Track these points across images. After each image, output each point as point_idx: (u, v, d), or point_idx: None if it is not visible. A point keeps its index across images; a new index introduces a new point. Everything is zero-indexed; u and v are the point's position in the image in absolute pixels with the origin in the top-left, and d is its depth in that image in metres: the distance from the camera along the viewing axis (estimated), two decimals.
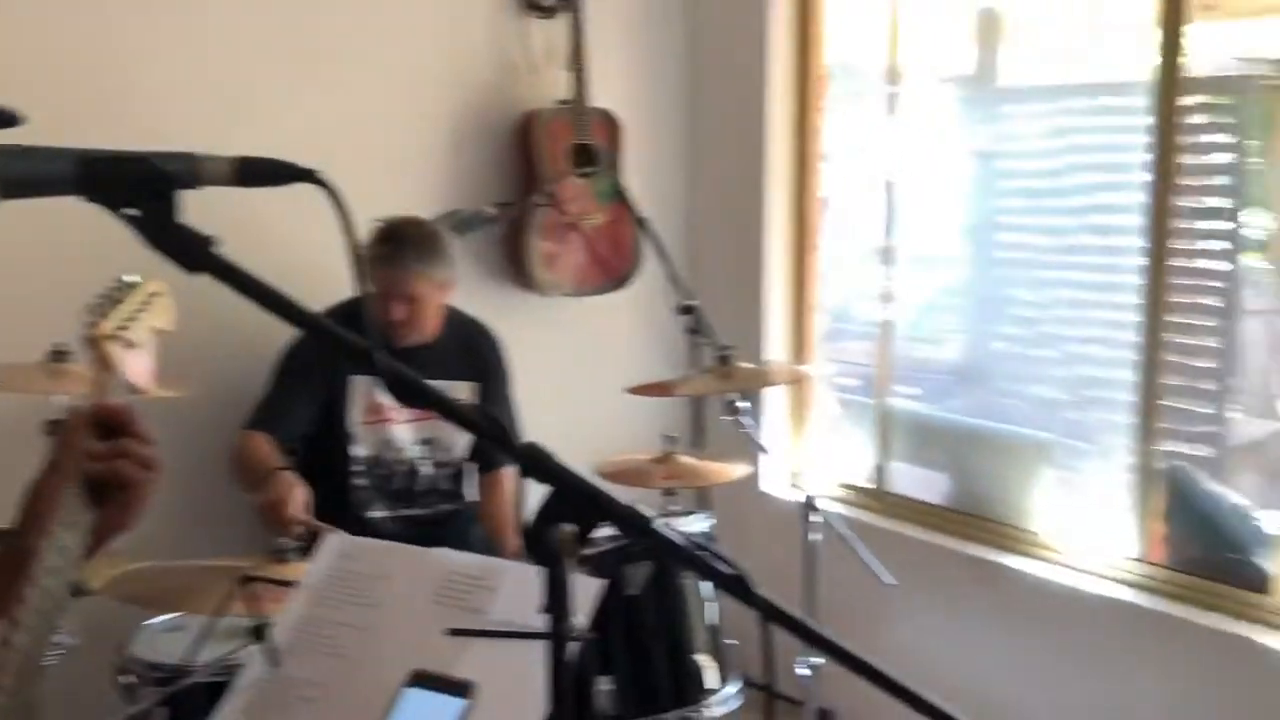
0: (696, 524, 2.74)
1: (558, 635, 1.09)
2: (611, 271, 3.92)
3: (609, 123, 3.89)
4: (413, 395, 1.11)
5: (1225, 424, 5.68)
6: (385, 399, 3.18)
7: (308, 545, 2.24)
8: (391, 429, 3.30)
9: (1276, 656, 2.77)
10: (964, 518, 3.68)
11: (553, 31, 3.86)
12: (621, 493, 1.76)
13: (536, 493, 1.08)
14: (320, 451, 3.23)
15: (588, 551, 2.35)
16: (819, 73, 4.02)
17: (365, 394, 3.23)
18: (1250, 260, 7.07)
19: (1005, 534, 3.52)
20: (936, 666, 3.52)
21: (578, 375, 3.99)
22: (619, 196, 3.84)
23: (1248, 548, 3.19)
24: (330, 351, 2.08)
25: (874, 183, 4.21)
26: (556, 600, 1.07)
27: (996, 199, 5.52)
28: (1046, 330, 5.18)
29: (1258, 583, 2.96)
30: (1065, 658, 3.22)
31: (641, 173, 3.96)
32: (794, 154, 4.02)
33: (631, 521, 1.07)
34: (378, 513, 3.30)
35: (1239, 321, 5.99)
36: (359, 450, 3.28)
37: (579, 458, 1.27)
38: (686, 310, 3.40)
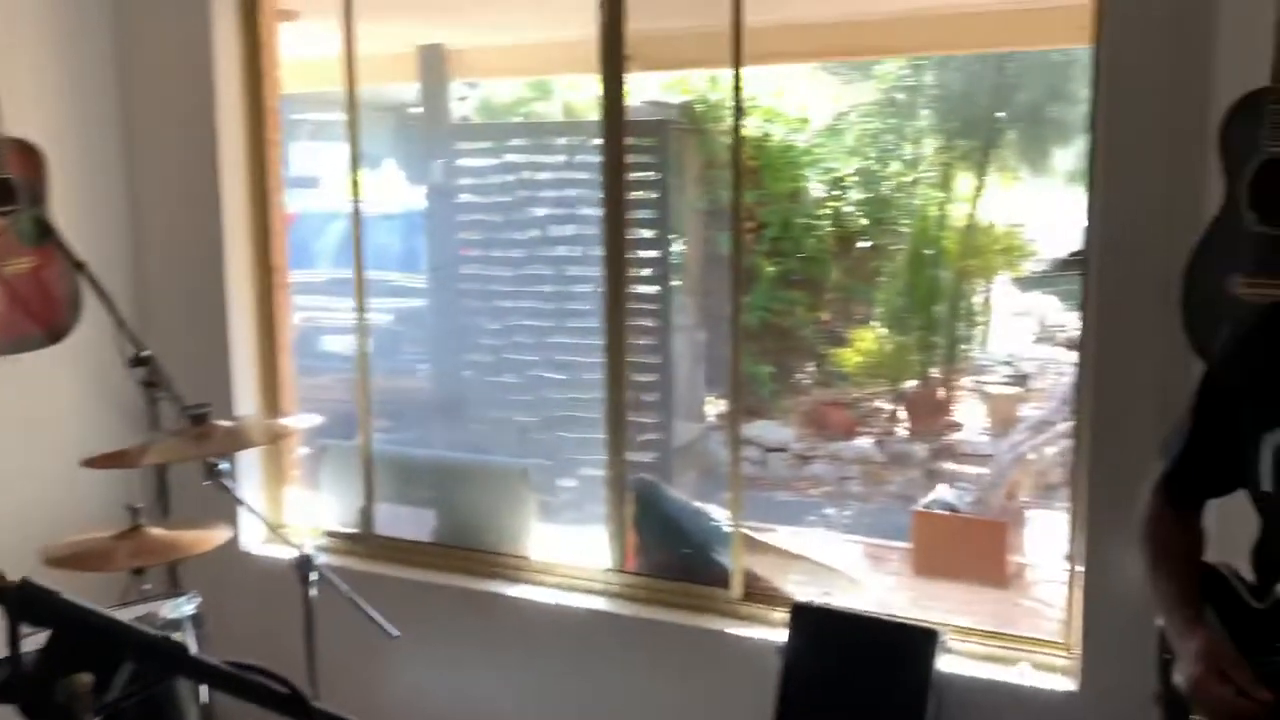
0: (181, 607, 2.43)
1: None
2: (42, 322, 3.40)
3: (27, 153, 3.37)
4: None
5: (668, 430, 6.37)
6: None
7: None
8: None
9: (739, 642, 3.10)
10: (455, 552, 3.69)
11: None
12: (80, 581, 1.52)
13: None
14: None
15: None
16: (272, 103, 3.82)
17: None
18: (674, 282, 7.95)
19: (497, 563, 3.58)
20: (442, 705, 3.50)
21: (13, 447, 3.42)
22: (46, 236, 3.34)
23: (710, 547, 3.56)
24: None
25: (336, 216, 4.08)
26: None
27: (457, 232, 5.70)
28: (511, 358, 5.43)
29: (720, 578, 3.29)
30: (559, 674, 3.36)
31: (73, 209, 3.48)
32: (250, 187, 3.77)
33: (161, 651, 0.89)
34: None
35: (671, 338, 6.75)
36: None
37: (24, 546, 1.04)
38: (139, 362, 3.03)
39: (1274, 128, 1.95)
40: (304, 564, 2.68)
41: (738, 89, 3.22)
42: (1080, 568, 2.73)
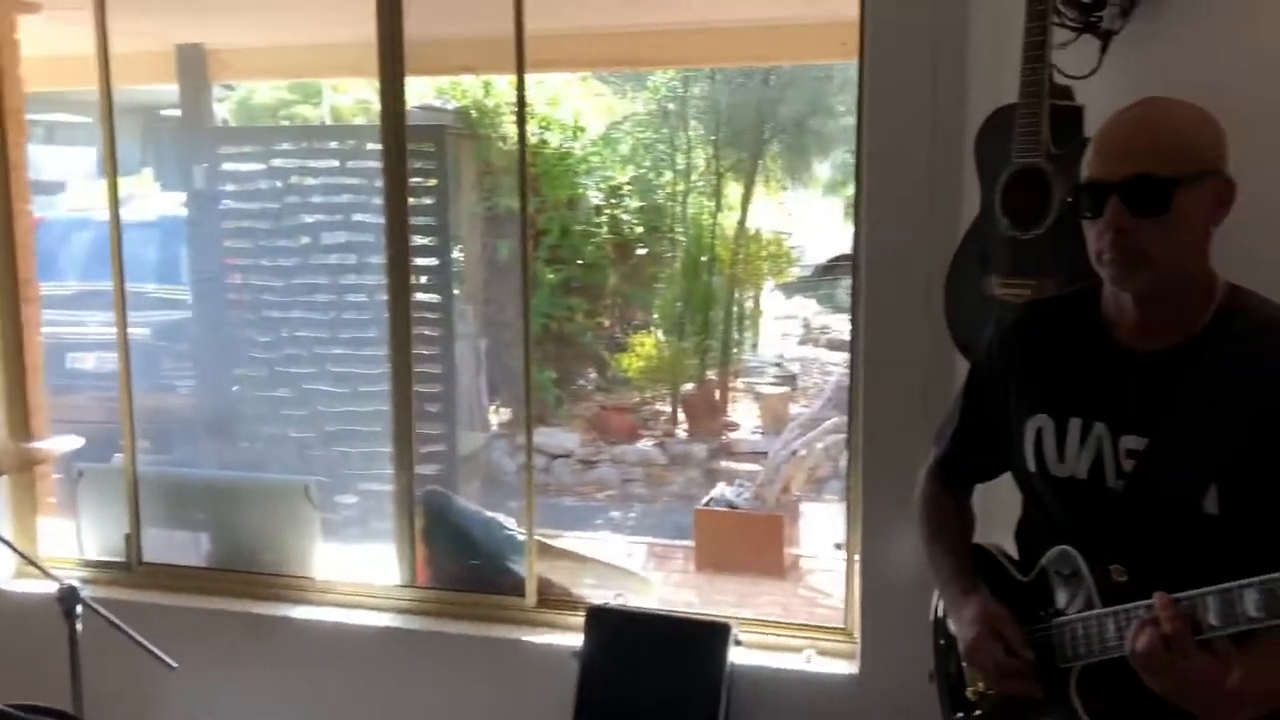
0: None
1: None
2: None
3: None
4: None
5: (453, 441, 6.28)
6: None
7: None
8: None
9: (536, 649, 3.09)
10: (233, 576, 3.51)
11: None
12: None
13: None
14: None
15: None
16: (14, 103, 3.53)
17: None
18: (455, 290, 7.85)
19: (280, 585, 3.43)
20: None
21: None
22: None
23: (503, 556, 3.53)
24: None
25: (84, 224, 3.80)
26: None
27: (222, 240, 5.41)
28: (285, 371, 5.21)
29: (515, 587, 3.27)
30: (352, 695, 3.25)
31: None
32: None
33: None
34: None
35: (454, 346, 6.66)
36: None
37: None
38: None
39: (1022, 140, 2.12)
40: (67, 597, 2.49)
41: (521, 95, 3.22)
42: (857, 557, 2.87)
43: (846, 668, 2.87)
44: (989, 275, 2.23)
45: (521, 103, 3.24)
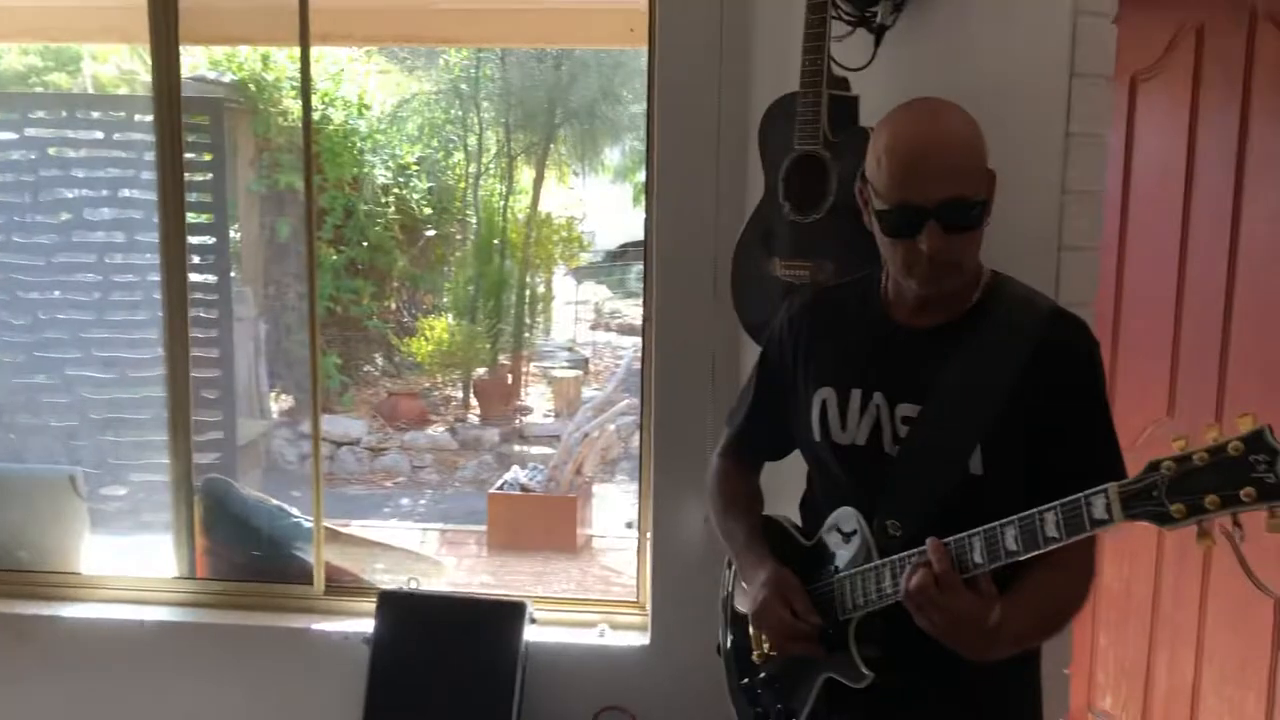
0: None
1: None
2: None
3: None
4: None
5: (232, 429, 6.01)
6: None
7: None
8: None
9: (325, 637, 3.02)
10: None
11: None
12: None
13: None
14: None
15: None
16: None
17: None
18: (233, 271, 7.52)
19: (43, 582, 3.21)
20: None
21: None
22: None
23: (289, 544, 3.42)
24: None
25: None
26: None
27: None
28: (45, 356, 4.85)
29: (302, 575, 3.18)
30: (128, 694, 3.08)
31: None
32: None
33: None
34: None
35: (231, 330, 6.37)
36: None
37: None
38: None
39: (802, 128, 2.22)
40: None
41: (305, 68, 3.11)
42: (649, 534, 2.95)
43: (639, 639, 2.95)
44: (772, 257, 2.32)
45: (306, 76, 3.13)
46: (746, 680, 1.82)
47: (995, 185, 1.57)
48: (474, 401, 9.28)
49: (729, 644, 1.89)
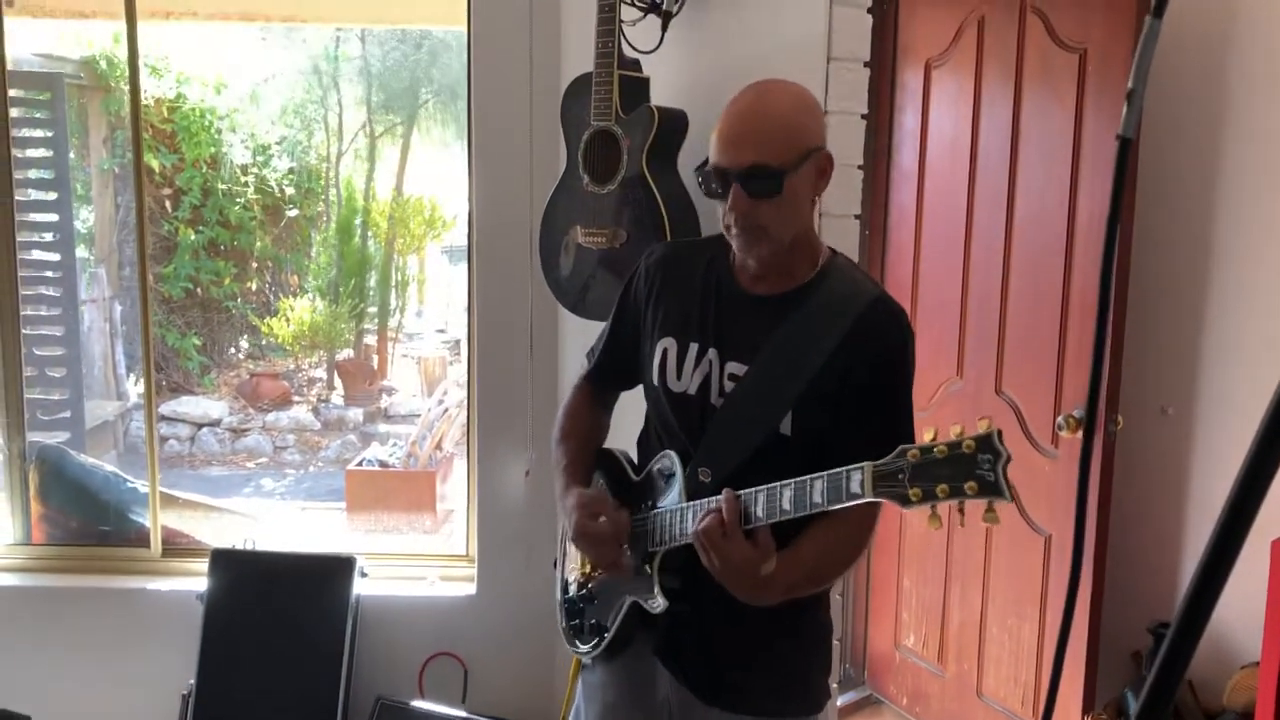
0: None
1: None
2: None
3: None
4: None
5: (79, 408, 5.94)
6: None
7: None
8: None
9: (160, 596, 3.10)
10: None
11: None
12: None
13: None
14: None
15: None
16: None
17: None
18: (81, 252, 7.38)
19: None
20: None
21: None
22: None
23: (127, 509, 3.47)
24: None
25: None
26: None
27: None
28: None
29: (139, 538, 3.24)
30: None
31: None
32: None
33: None
34: None
35: (78, 310, 6.28)
36: None
37: None
38: None
39: (597, 105, 2.40)
40: None
41: (132, 42, 3.16)
42: (474, 493, 3.10)
43: (467, 589, 3.11)
44: (575, 225, 2.50)
45: (133, 50, 3.18)
46: (568, 595, 1.96)
47: (824, 166, 1.69)
48: (338, 382, 9.26)
49: (563, 563, 2.02)
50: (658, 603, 1.72)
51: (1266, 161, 2.86)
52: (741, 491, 1.58)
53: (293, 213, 9.34)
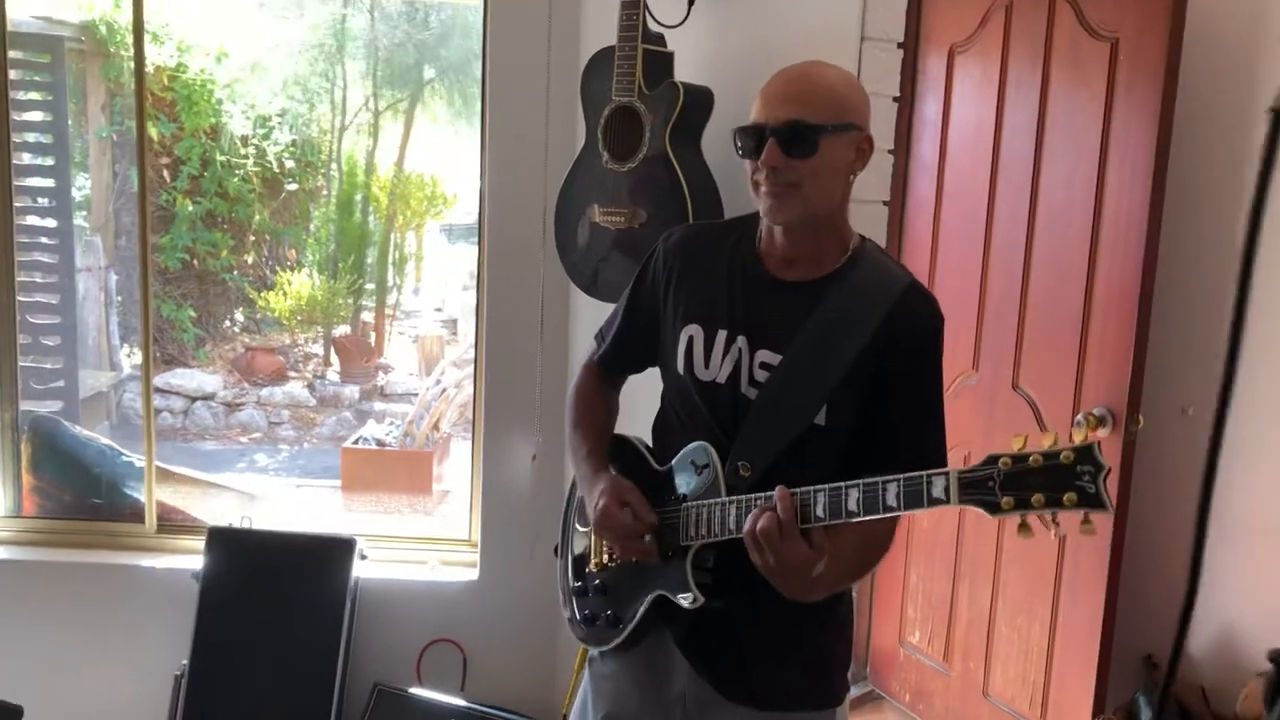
0: None
1: None
2: None
3: None
4: None
5: (74, 377, 5.86)
6: None
7: None
8: None
9: (154, 573, 3.04)
10: None
11: None
12: None
13: None
14: None
15: None
16: None
17: None
18: (78, 220, 7.28)
19: None
20: None
21: None
22: None
23: (121, 483, 3.40)
24: None
25: None
26: None
27: None
28: None
29: (134, 513, 3.17)
30: None
31: None
32: None
33: None
34: None
35: (74, 279, 6.19)
36: None
37: None
38: None
39: (620, 80, 2.32)
40: None
41: (138, 7, 3.07)
42: (479, 476, 3.03)
43: (468, 574, 3.04)
44: (592, 204, 2.43)
45: (139, 16, 3.09)
46: (580, 584, 1.90)
47: (863, 147, 1.66)
48: (334, 359, 9.18)
49: (568, 552, 1.96)
50: (692, 598, 1.67)
51: None
52: (796, 490, 1.53)
53: (292, 186, 9.24)
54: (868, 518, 1.48)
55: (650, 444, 1.90)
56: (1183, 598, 0.57)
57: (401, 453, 6.41)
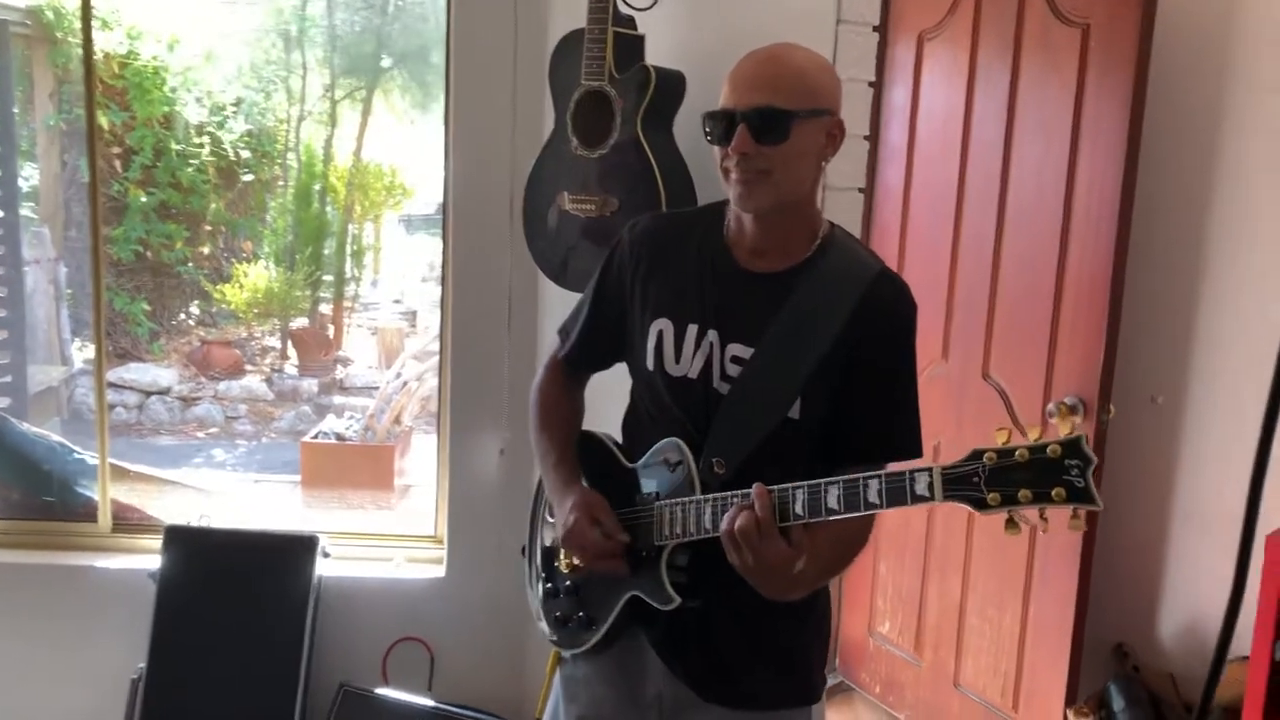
0: None
1: None
2: None
3: None
4: None
5: (22, 372, 5.72)
6: None
7: None
8: None
9: (109, 574, 2.95)
10: None
11: None
12: None
13: None
14: None
15: None
16: None
17: None
18: (25, 210, 7.11)
19: None
20: None
21: None
22: None
23: (73, 481, 3.30)
24: None
25: None
26: None
27: None
28: None
29: (87, 512, 3.08)
30: None
31: None
32: None
33: None
34: None
35: (20, 271, 6.03)
36: None
37: None
38: None
39: (589, 64, 2.26)
40: None
41: None
42: (445, 471, 2.97)
43: (434, 571, 2.98)
44: (561, 191, 2.37)
45: (86, 3, 2.98)
46: (551, 585, 1.85)
47: (835, 132, 1.62)
48: (291, 352, 9.04)
49: (536, 547, 1.90)
50: (670, 600, 1.62)
51: (1263, 152, 2.79)
52: (774, 487, 1.49)
53: (248, 177, 9.07)
54: (848, 515, 1.44)
55: (619, 440, 1.85)
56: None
57: (362, 447, 6.32)
